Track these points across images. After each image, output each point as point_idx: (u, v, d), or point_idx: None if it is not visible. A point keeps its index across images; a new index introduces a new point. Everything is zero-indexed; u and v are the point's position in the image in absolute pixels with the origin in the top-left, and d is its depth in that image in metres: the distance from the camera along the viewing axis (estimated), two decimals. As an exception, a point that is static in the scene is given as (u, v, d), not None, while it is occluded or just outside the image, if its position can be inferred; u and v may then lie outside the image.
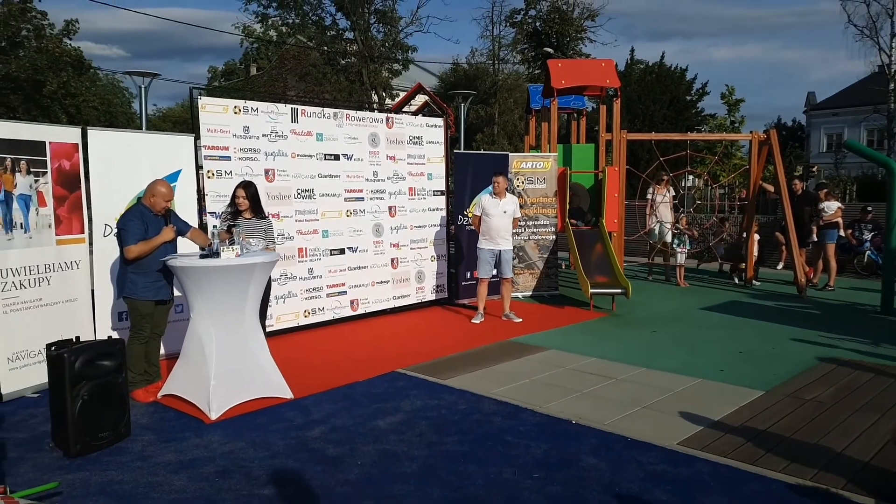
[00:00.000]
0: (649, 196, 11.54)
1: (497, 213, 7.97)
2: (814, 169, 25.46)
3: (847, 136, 36.06)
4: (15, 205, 5.31)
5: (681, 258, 11.21)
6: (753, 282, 11.19)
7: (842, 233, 11.38)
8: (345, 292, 8.18)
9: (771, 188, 11.98)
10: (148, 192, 5.24)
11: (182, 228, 5.45)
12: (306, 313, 7.79)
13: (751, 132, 11.58)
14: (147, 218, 5.17)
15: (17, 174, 5.34)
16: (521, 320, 8.09)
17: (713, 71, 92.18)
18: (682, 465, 4.00)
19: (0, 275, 5.19)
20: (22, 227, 5.36)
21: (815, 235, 10.97)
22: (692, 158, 11.94)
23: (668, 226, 11.26)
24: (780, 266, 13.12)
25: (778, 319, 8.33)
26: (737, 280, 11.43)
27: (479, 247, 8.14)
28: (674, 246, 11.23)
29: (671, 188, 11.60)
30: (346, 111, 8.22)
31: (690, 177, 17.57)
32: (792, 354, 6.58)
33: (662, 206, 11.31)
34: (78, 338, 4.45)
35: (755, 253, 11.47)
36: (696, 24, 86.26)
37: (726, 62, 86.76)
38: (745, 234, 11.42)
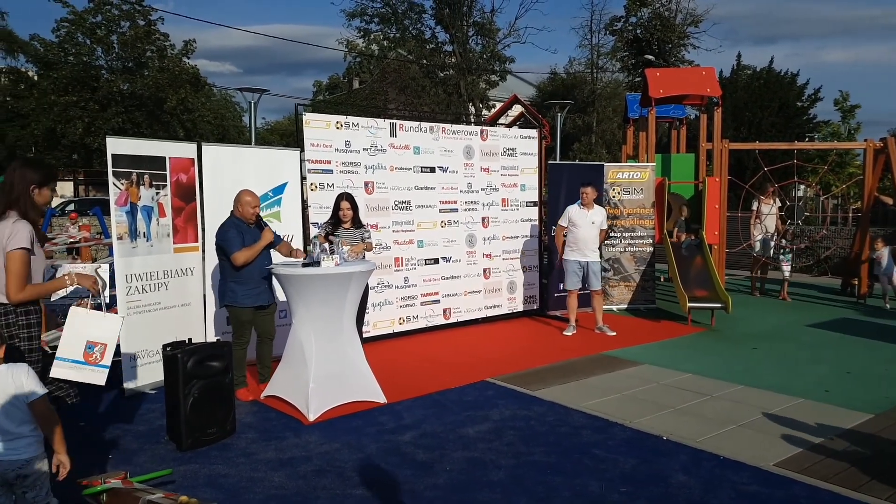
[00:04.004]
0: (754, 207, 11.12)
1: (585, 224, 7.93)
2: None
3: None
4: (139, 215, 5.79)
5: (786, 272, 10.73)
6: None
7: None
8: (438, 301, 8.35)
9: (890, 200, 11.29)
10: (236, 203, 5.50)
11: (275, 239, 5.74)
12: (401, 321, 8.02)
13: (865, 140, 10.95)
14: (241, 228, 5.44)
15: (142, 187, 5.82)
16: (614, 333, 7.99)
17: (826, 75, 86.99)
18: (777, 486, 3.88)
19: (125, 280, 5.66)
20: (144, 236, 5.83)
21: None
22: (801, 168, 11.42)
23: (773, 238, 10.81)
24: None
25: (894, 339, 7.83)
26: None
27: (564, 258, 8.11)
28: (779, 259, 10.76)
29: (777, 199, 11.13)
30: (441, 125, 8.42)
31: (801, 187, 16.78)
32: (907, 377, 6.20)
33: (768, 218, 10.87)
34: (190, 339, 4.80)
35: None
36: (805, 26, 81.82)
37: (841, 65, 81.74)
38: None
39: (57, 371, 3.54)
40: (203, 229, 6.40)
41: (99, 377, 3.65)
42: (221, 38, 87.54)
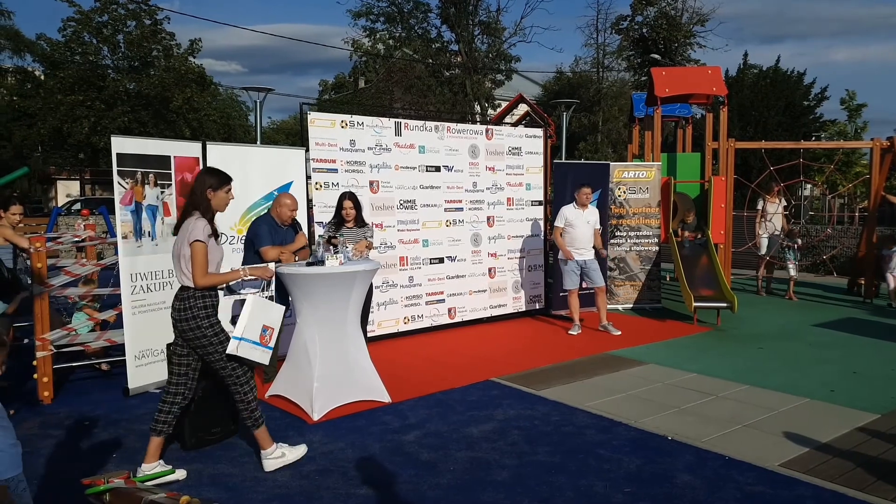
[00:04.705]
0: (759, 207, 11.08)
1: (581, 224, 7.99)
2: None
3: None
4: (144, 214, 5.80)
5: (792, 271, 10.68)
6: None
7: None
8: (443, 300, 8.35)
9: (896, 199, 11.22)
10: (274, 204, 5.67)
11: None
12: (406, 320, 8.01)
13: (872, 139, 10.90)
14: (272, 227, 5.58)
15: (146, 186, 5.83)
16: (619, 332, 7.97)
17: (833, 74, 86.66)
18: (782, 487, 3.86)
19: (130, 279, 5.67)
20: (149, 235, 5.84)
21: None
22: (807, 167, 11.37)
23: (779, 237, 10.77)
24: None
25: (901, 339, 7.79)
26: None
27: (560, 258, 8.14)
28: (785, 259, 10.72)
29: (783, 198, 11.09)
30: (447, 124, 8.41)
31: (808, 186, 16.72)
32: (914, 377, 6.16)
33: (774, 217, 10.83)
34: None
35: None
36: (812, 25, 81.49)
37: (847, 64, 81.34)
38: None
39: (242, 350, 3.94)
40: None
41: (267, 357, 4.13)
42: (227, 37, 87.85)
